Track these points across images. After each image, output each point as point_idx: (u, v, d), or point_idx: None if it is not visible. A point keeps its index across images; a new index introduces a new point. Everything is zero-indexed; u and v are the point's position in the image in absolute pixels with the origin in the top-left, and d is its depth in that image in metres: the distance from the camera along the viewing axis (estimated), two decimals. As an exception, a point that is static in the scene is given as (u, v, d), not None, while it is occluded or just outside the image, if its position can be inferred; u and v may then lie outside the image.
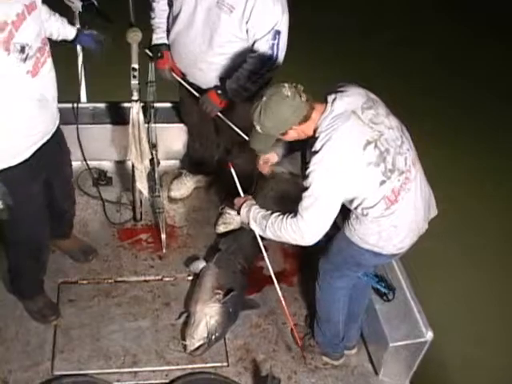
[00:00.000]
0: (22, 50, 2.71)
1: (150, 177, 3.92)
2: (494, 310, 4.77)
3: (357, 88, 2.80)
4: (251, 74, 3.47)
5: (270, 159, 3.26)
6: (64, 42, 3.37)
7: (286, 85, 2.64)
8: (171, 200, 4.35)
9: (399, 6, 8.40)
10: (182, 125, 4.38)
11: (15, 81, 2.76)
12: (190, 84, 3.72)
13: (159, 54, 3.69)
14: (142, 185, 3.81)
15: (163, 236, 3.95)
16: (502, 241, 5.34)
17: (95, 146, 4.21)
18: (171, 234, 4.07)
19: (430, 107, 6.68)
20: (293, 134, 2.74)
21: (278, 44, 3.41)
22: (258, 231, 2.96)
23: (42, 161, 3.08)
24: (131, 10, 3.38)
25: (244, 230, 3.72)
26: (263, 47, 3.40)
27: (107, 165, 4.50)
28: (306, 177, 2.68)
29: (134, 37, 3.35)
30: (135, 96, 3.55)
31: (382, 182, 2.69)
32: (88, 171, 4.22)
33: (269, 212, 2.91)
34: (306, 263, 3.85)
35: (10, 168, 2.94)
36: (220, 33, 3.42)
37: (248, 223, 2.99)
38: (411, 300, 3.37)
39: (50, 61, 2.97)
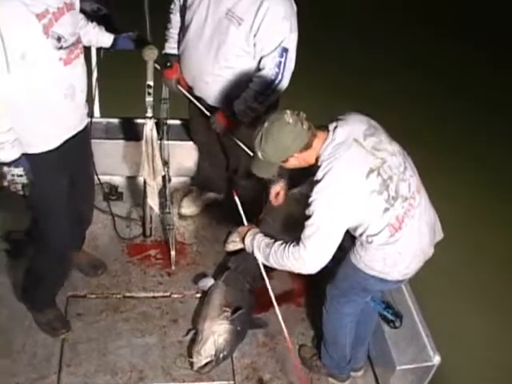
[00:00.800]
0: (59, 39, 2.84)
1: (161, 193, 3.94)
2: (503, 333, 4.75)
3: (358, 115, 2.81)
4: (258, 95, 3.48)
5: (279, 191, 3.28)
6: (102, 48, 3.46)
7: (288, 112, 2.63)
8: (181, 217, 4.36)
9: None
10: (193, 142, 4.40)
11: (48, 64, 2.86)
12: (197, 98, 3.74)
13: (168, 64, 3.71)
14: (153, 201, 3.83)
15: (172, 253, 3.96)
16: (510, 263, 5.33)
17: (107, 161, 4.23)
18: (180, 251, 4.08)
19: (437, 129, 6.74)
20: (294, 162, 2.73)
21: (284, 62, 3.42)
22: (261, 259, 2.97)
23: (69, 156, 3.15)
24: (148, 28, 3.40)
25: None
26: (270, 64, 3.41)
27: (118, 180, 4.53)
28: (308, 205, 2.68)
29: (150, 54, 3.38)
30: (149, 113, 3.57)
31: (386, 210, 2.69)
32: (99, 186, 4.22)
33: (272, 240, 2.92)
34: (314, 284, 3.84)
35: (38, 154, 3.01)
36: (227, 45, 3.43)
37: (252, 251, 3.01)
38: (419, 323, 3.36)
39: (82, 57, 3.08)
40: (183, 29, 3.64)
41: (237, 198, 3.26)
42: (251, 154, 3.40)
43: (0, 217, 4.03)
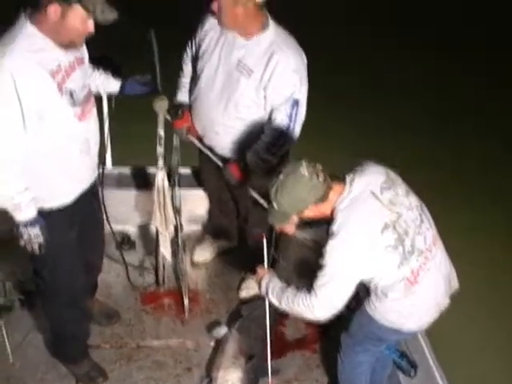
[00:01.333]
0: (71, 95, 2.88)
1: (174, 241, 3.94)
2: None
3: (376, 167, 2.81)
4: (270, 146, 3.50)
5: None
6: (112, 97, 3.49)
7: (304, 163, 2.63)
8: (194, 265, 4.37)
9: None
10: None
11: (64, 121, 2.91)
12: (207, 148, 3.75)
13: (179, 113, 3.73)
14: (165, 250, 3.85)
15: (186, 301, 3.96)
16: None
17: (119, 210, 4.24)
18: (194, 299, 4.08)
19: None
20: (309, 214, 2.74)
21: (295, 114, 3.43)
22: (275, 303, 2.97)
23: (80, 208, 3.17)
24: (158, 79, 3.45)
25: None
26: (281, 116, 3.43)
27: (131, 229, 4.56)
28: (322, 256, 2.68)
29: (161, 105, 3.44)
30: (160, 163, 3.61)
31: (401, 264, 2.69)
32: (112, 235, 4.24)
33: (286, 285, 2.93)
34: (328, 330, 3.82)
35: (52, 210, 3.03)
36: (238, 96, 3.46)
37: (266, 294, 3.02)
38: (435, 372, 3.34)
39: (95, 111, 3.13)
40: (195, 78, 3.69)
41: (265, 241, 3.24)
42: (264, 203, 3.46)
43: (10, 266, 4.03)
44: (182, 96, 3.83)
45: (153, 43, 3.39)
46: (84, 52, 3.11)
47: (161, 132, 3.54)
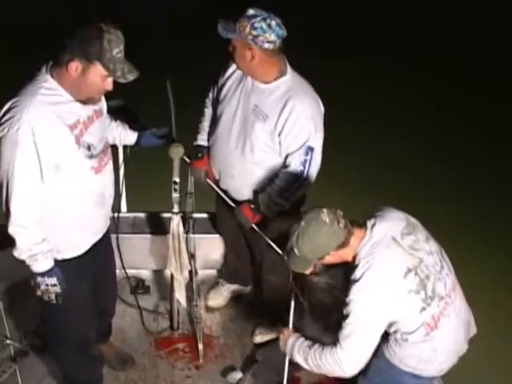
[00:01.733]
0: (89, 148, 2.93)
1: (188, 286, 3.96)
2: None
3: (396, 212, 2.84)
4: (283, 190, 3.50)
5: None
6: (128, 146, 3.53)
7: (325, 210, 2.67)
8: (208, 309, 4.36)
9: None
10: (218, 235, 4.44)
11: (80, 174, 2.94)
12: (223, 191, 3.78)
13: (199, 155, 3.78)
14: (180, 295, 3.86)
15: (200, 346, 3.96)
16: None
17: (134, 255, 4.29)
18: (208, 344, 4.07)
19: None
20: (330, 259, 2.77)
21: (310, 161, 3.44)
22: (301, 363, 2.96)
23: (93, 258, 3.20)
24: (173, 126, 3.52)
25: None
26: (295, 162, 3.44)
27: (145, 273, 4.57)
28: (345, 305, 2.69)
29: (176, 152, 3.48)
30: (176, 208, 3.66)
31: (423, 309, 2.70)
32: (126, 279, 4.28)
33: (311, 343, 2.92)
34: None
35: (65, 261, 3.05)
36: (253, 139, 3.48)
37: (292, 354, 3.00)
38: None
39: (111, 163, 3.17)
40: (214, 122, 3.73)
41: (295, 288, 3.25)
42: (276, 247, 3.48)
43: (28, 310, 4.03)
44: (202, 139, 3.86)
45: (169, 92, 3.47)
46: (102, 104, 3.16)
47: (176, 178, 3.59)
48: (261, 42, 3.27)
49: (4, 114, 2.75)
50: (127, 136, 3.47)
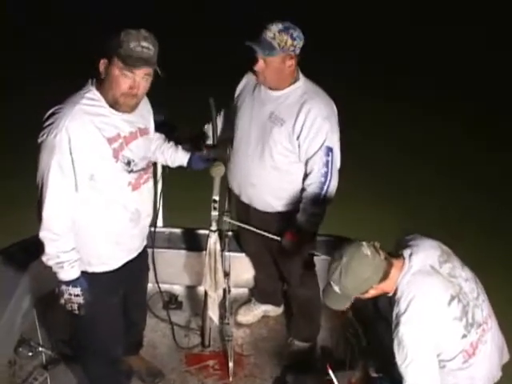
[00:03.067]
0: (128, 163, 2.96)
1: (221, 304, 3.97)
2: None
3: (429, 241, 2.85)
4: (315, 199, 3.52)
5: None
6: (180, 167, 3.53)
7: (365, 243, 2.66)
8: (239, 327, 4.37)
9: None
10: (250, 254, 4.47)
11: (116, 188, 2.98)
12: (253, 226, 3.79)
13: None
14: (213, 312, 3.87)
15: (230, 364, 3.96)
16: None
17: (168, 270, 4.30)
18: (238, 362, 4.07)
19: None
20: (372, 293, 2.74)
21: (331, 161, 3.47)
22: None
23: (125, 275, 3.23)
24: (215, 141, 3.58)
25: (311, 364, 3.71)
26: (318, 165, 3.47)
27: (178, 289, 4.60)
28: (395, 339, 2.66)
29: (217, 171, 3.50)
30: (214, 226, 3.68)
31: (463, 336, 2.70)
32: (159, 294, 4.30)
33: None
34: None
35: (96, 274, 3.09)
36: (271, 144, 3.51)
37: None
38: None
39: (151, 182, 3.20)
40: (232, 136, 3.75)
41: (331, 372, 3.12)
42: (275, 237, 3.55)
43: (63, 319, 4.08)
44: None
45: (212, 110, 3.51)
46: (149, 124, 3.21)
47: (215, 196, 3.61)
48: (298, 49, 3.39)
49: (46, 120, 2.82)
50: (178, 158, 3.48)
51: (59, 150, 2.76)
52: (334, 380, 3.00)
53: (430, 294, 2.66)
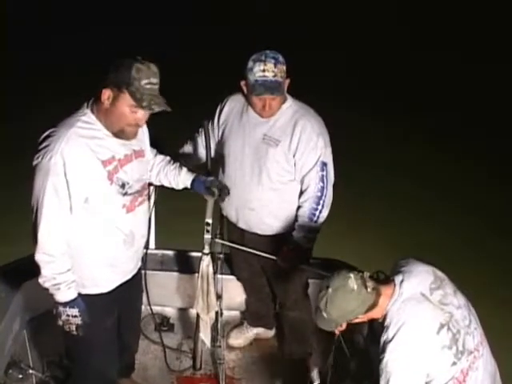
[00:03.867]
0: (123, 186, 2.96)
1: (213, 327, 3.95)
2: None
3: (423, 266, 2.85)
4: (311, 215, 3.56)
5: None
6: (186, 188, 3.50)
7: (352, 276, 2.67)
8: (231, 350, 4.34)
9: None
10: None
11: (110, 210, 2.98)
12: (248, 247, 3.80)
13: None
14: (205, 335, 3.86)
15: (222, 387, 3.93)
16: None
17: (160, 292, 4.28)
18: (230, 386, 4.05)
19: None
20: (359, 321, 2.78)
21: (326, 176, 3.54)
22: None
23: (119, 297, 3.22)
24: (209, 165, 3.58)
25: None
26: (314, 180, 3.53)
27: (170, 311, 4.58)
28: (381, 365, 2.67)
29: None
30: (206, 249, 3.67)
31: (453, 364, 2.69)
32: (151, 316, 4.27)
33: None
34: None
35: (90, 296, 3.07)
36: (268, 165, 3.54)
37: None
38: None
39: (146, 204, 3.19)
40: (221, 163, 3.76)
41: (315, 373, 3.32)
42: (271, 257, 3.56)
43: (53, 341, 4.01)
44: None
45: (207, 132, 3.53)
46: (145, 146, 3.21)
47: (209, 219, 3.61)
48: None
49: (40, 143, 2.84)
50: (181, 180, 3.42)
51: (54, 173, 2.77)
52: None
53: (418, 323, 2.66)
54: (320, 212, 3.56)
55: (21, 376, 3.86)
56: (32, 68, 10.68)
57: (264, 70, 3.34)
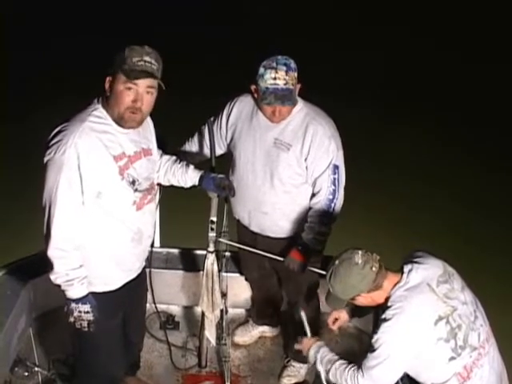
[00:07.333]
0: (133, 182, 2.97)
1: (218, 325, 3.96)
2: None
3: (434, 260, 2.87)
4: (322, 218, 3.54)
5: (340, 317, 3.31)
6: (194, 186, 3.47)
7: (360, 252, 2.73)
8: (236, 348, 4.35)
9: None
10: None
11: (120, 205, 2.98)
12: (258, 249, 3.80)
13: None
14: (210, 333, 3.87)
15: (227, 384, 3.95)
16: None
17: (165, 291, 4.30)
18: (235, 383, 4.06)
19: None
20: (362, 300, 2.82)
21: (338, 179, 3.52)
22: (322, 372, 3.00)
23: (126, 296, 3.23)
24: (213, 161, 3.59)
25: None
26: (326, 183, 3.51)
27: (175, 309, 4.59)
28: (373, 339, 2.73)
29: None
30: (211, 247, 3.68)
31: (452, 359, 2.71)
32: (156, 314, 4.28)
33: (336, 357, 2.96)
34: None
35: (96, 294, 3.07)
36: (280, 170, 3.52)
37: (314, 363, 3.05)
38: None
39: (153, 203, 3.20)
40: (231, 167, 3.75)
41: (303, 313, 3.32)
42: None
43: (59, 338, 3.96)
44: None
45: (211, 131, 3.53)
46: (153, 145, 3.21)
47: (213, 217, 3.62)
48: None
49: (52, 138, 2.83)
50: (190, 178, 3.39)
51: (68, 167, 2.77)
52: (304, 320, 3.27)
53: (417, 310, 2.69)
54: (331, 214, 3.55)
55: (26, 374, 3.89)
56: (32, 68, 10.64)
57: (275, 78, 3.31)
